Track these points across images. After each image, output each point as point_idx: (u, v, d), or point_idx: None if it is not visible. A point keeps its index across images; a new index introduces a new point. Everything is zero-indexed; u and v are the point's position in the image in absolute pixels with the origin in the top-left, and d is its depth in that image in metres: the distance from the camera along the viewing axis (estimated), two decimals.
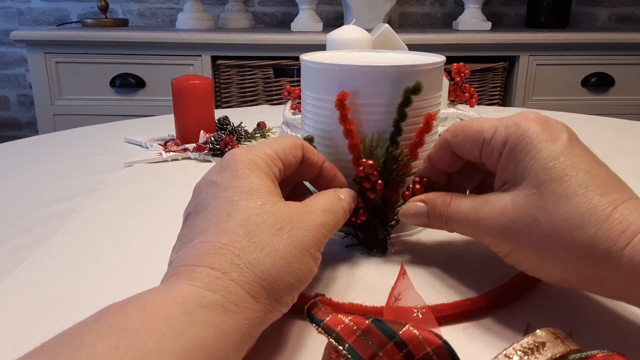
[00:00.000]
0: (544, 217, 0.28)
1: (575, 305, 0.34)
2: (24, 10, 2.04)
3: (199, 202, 0.29)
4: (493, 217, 0.31)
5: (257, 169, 0.30)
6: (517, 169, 0.30)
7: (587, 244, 0.27)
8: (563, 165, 0.28)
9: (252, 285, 0.25)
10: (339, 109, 0.36)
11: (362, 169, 0.36)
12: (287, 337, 0.30)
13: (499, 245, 0.31)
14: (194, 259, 0.25)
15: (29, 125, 2.18)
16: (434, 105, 0.39)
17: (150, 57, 1.57)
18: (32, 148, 0.72)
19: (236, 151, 0.31)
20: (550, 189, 0.28)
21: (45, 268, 0.39)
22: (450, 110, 0.70)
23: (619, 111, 1.60)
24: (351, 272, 0.36)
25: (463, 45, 1.56)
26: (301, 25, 1.68)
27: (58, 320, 0.22)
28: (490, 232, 0.31)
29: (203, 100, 0.68)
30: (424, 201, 0.35)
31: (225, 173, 0.29)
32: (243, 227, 0.26)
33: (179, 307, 0.23)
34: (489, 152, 0.32)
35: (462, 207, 0.33)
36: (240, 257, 0.25)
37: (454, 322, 0.32)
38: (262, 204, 0.28)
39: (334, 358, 0.26)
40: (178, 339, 0.21)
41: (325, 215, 0.31)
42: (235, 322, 0.24)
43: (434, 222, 0.35)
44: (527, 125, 0.30)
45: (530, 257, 0.30)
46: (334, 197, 0.33)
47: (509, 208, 0.30)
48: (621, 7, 2.03)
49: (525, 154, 0.30)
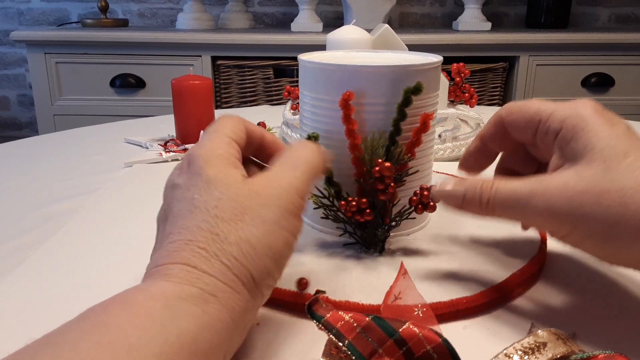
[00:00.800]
0: (615, 186, 0.27)
1: (577, 305, 0.34)
2: (24, 10, 2.04)
3: (165, 207, 0.29)
4: (553, 192, 0.29)
5: (213, 159, 0.29)
6: (578, 146, 0.30)
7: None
8: (626, 144, 0.29)
9: (225, 274, 0.25)
10: (343, 108, 0.37)
11: (378, 169, 0.36)
12: (285, 334, 0.31)
13: (558, 223, 0.29)
14: (165, 259, 0.25)
15: (29, 125, 2.18)
16: (431, 105, 0.40)
17: (150, 57, 1.57)
18: (32, 148, 0.72)
19: (191, 149, 0.30)
20: (617, 161, 0.28)
21: (45, 268, 0.39)
22: (450, 110, 0.70)
23: (619, 111, 1.58)
24: (348, 270, 0.36)
25: (463, 46, 1.56)
26: (301, 25, 1.68)
27: (58, 320, 0.22)
28: (548, 209, 0.29)
29: (203, 100, 0.69)
30: (464, 183, 0.33)
31: (184, 173, 0.29)
32: (204, 222, 0.26)
33: (159, 302, 0.23)
34: (544, 132, 0.32)
35: (510, 186, 0.31)
36: (206, 249, 0.25)
37: (451, 320, 0.32)
38: (219, 194, 0.27)
39: (334, 354, 0.26)
40: (161, 333, 0.21)
41: (294, 170, 0.29)
42: (217, 312, 0.24)
43: (470, 203, 0.32)
44: (585, 110, 0.30)
45: (597, 232, 0.28)
46: (301, 143, 0.32)
47: (572, 182, 0.29)
48: (621, 7, 2.03)
49: (586, 132, 0.30)
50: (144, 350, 0.20)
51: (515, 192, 0.30)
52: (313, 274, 0.35)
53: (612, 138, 0.29)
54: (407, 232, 0.42)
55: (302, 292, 0.33)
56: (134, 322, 0.21)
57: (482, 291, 0.33)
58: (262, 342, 0.30)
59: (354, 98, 0.37)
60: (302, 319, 0.32)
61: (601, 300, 0.34)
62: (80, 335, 0.21)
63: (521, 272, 0.35)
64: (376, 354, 0.25)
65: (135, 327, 0.21)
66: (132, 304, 0.22)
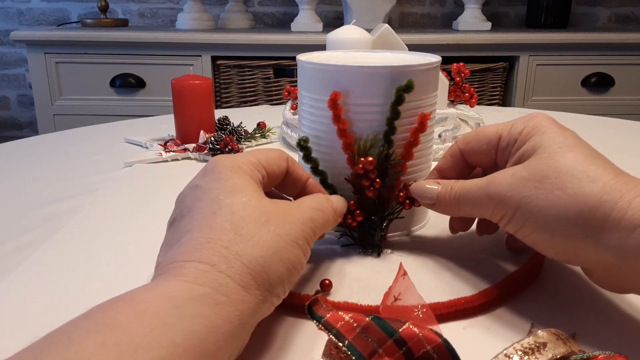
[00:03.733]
0: (554, 173, 0.30)
1: (577, 305, 0.34)
2: (24, 10, 2.04)
3: (183, 207, 0.29)
4: (502, 181, 0.32)
5: (239, 171, 0.30)
6: (529, 147, 0.32)
7: (595, 195, 0.28)
8: (573, 143, 0.31)
9: (242, 275, 0.25)
10: (332, 108, 0.37)
11: (361, 166, 0.36)
12: (285, 334, 0.31)
13: (505, 208, 0.32)
14: (182, 256, 0.25)
15: (29, 125, 2.18)
16: (429, 105, 0.40)
17: (150, 57, 1.57)
18: (32, 148, 0.72)
19: (219, 157, 0.31)
20: (562, 154, 0.31)
21: (45, 268, 0.39)
22: (450, 110, 0.70)
23: (619, 111, 1.60)
24: (347, 271, 0.36)
25: (463, 46, 1.56)
26: (301, 25, 1.68)
27: (58, 320, 0.22)
28: (498, 193, 0.32)
29: (203, 100, 0.69)
30: (439, 182, 0.37)
31: (209, 177, 0.30)
32: (229, 222, 0.27)
33: (167, 302, 0.23)
34: (504, 147, 0.34)
35: (473, 182, 0.34)
36: (228, 249, 0.25)
37: (451, 320, 0.32)
38: (247, 200, 0.28)
39: (334, 354, 0.26)
40: (167, 334, 0.21)
41: (314, 212, 0.31)
42: (226, 314, 0.24)
43: (442, 202, 0.36)
44: (539, 119, 0.33)
45: (536, 214, 0.30)
46: (322, 197, 0.34)
47: (519, 171, 0.31)
48: (621, 7, 2.03)
49: (538, 135, 0.32)
50: (150, 351, 0.20)
51: (477, 185, 0.34)
52: (311, 275, 0.35)
53: (560, 137, 0.32)
54: (406, 232, 0.42)
55: (326, 294, 0.33)
56: (140, 321, 0.21)
57: (482, 291, 0.33)
58: (262, 342, 0.30)
59: (351, 98, 0.37)
60: (302, 319, 0.32)
61: (601, 300, 0.34)
62: (85, 334, 0.21)
63: (520, 271, 0.35)
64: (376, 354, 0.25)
65: (142, 327, 0.21)
66: (140, 303, 0.22)
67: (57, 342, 0.20)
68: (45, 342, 0.21)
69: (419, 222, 0.43)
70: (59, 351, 0.20)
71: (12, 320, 0.32)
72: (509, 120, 0.35)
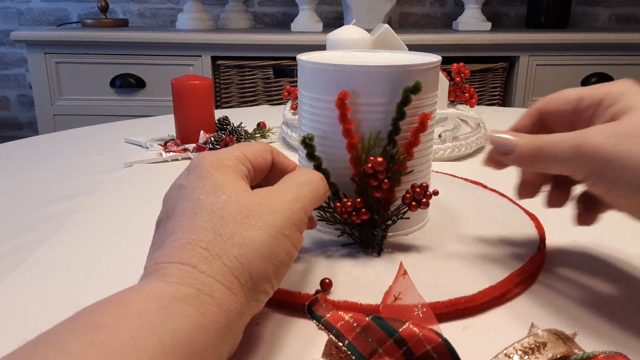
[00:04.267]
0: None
1: (577, 305, 0.34)
2: (24, 10, 2.04)
3: (168, 207, 0.29)
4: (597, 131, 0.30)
5: (222, 167, 0.30)
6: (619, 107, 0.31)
7: None
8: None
9: (224, 275, 0.25)
10: (339, 108, 0.37)
11: (370, 165, 0.36)
12: (285, 334, 0.31)
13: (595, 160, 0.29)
14: (164, 258, 0.25)
15: (29, 125, 2.18)
16: (429, 105, 0.40)
17: (150, 58, 1.57)
18: (32, 148, 0.72)
19: (202, 154, 0.31)
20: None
21: (45, 268, 0.39)
22: (450, 110, 0.70)
23: None
24: (347, 270, 0.36)
25: (463, 46, 1.56)
26: (301, 25, 1.68)
27: (58, 320, 0.22)
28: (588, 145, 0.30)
29: (203, 100, 0.69)
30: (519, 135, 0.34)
31: (192, 175, 0.30)
32: (209, 222, 0.26)
33: (154, 302, 0.23)
34: (585, 107, 0.33)
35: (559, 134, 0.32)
36: (208, 249, 0.25)
37: (451, 320, 0.32)
38: (227, 198, 0.28)
39: (334, 354, 0.26)
40: (154, 334, 0.21)
41: (300, 187, 0.31)
42: (212, 314, 0.24)
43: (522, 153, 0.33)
44: (626, 82, 0.32)
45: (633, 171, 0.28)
46: (306, 169, 0.33)
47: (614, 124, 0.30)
48: (621, 7, 2.03)
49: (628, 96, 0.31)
50: (137, 350, 0.20)
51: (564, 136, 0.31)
52: (312, 274, 0.35)
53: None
54: (406, 232, 0.42)
55: (326, 293, 0.33)
56: (126, 322, 0.21)
57: (482, 291, 0.33)
58: (262, 342, 0.30)
59: (351, 98, 0.37)
60: (302, 319, 0.32)
61: (601, 300, 0.34)
62: (72, 335, 0.21)
63: (520, 271, 0.35)
64: (376, 353, 0.25)
65: (129, 327, 0.21)
66: (127, 304, 0.22)
67: (45, 343, 0.20)
68: (33, 343, 0.21)
69: (419, 222, 0.43)
70: (46, 351, 0.20)
71: (12, 320, 0.32)
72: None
